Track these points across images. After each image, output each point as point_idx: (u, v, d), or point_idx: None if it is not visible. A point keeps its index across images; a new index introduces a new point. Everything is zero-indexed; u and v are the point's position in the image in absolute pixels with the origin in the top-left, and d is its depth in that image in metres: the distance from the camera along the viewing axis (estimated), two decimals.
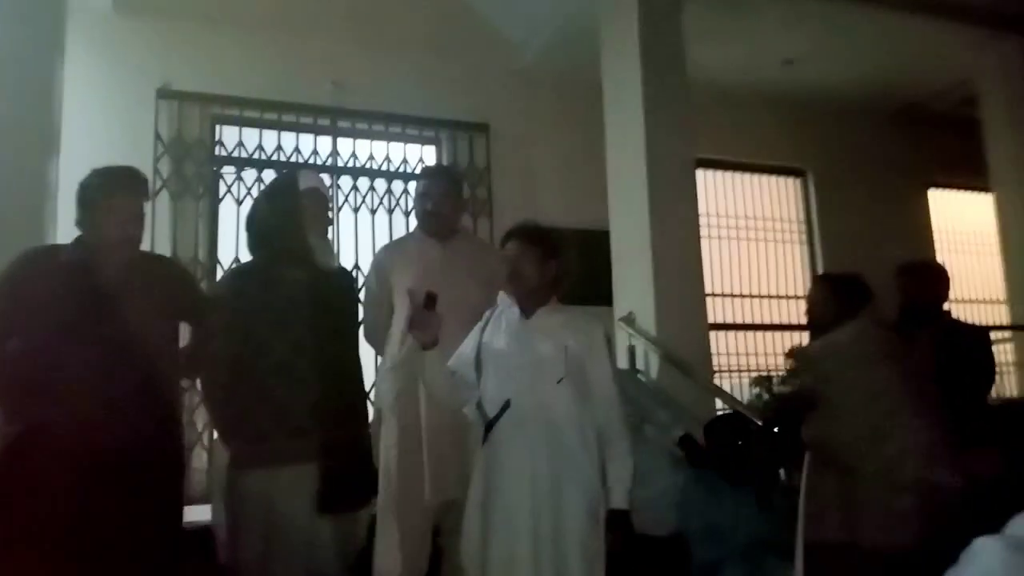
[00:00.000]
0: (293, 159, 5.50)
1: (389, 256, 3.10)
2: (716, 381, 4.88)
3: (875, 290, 3.10)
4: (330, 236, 2.69)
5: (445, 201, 3.05)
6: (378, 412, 3.05)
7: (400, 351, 2.91)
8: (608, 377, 2.46)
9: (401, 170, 5.80)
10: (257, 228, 2.54)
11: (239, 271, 2.51)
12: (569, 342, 2.42)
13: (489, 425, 2.38)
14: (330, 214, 2.61)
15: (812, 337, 3.35)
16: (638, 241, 4.67)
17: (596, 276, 5.37)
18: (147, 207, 2.42)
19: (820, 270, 6.82)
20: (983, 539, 0.99)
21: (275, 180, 2.76)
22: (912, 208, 7.34)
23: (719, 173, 6.85)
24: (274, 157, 5.45)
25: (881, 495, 2.72)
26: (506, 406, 2.36)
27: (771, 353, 6.32)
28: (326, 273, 2.55)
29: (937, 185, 7.62)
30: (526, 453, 2.34)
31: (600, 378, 2.45)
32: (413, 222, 3.22)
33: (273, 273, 2.45)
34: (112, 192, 2.32)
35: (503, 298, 2.55)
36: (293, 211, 2.48)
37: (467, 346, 2.49)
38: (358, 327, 2.68)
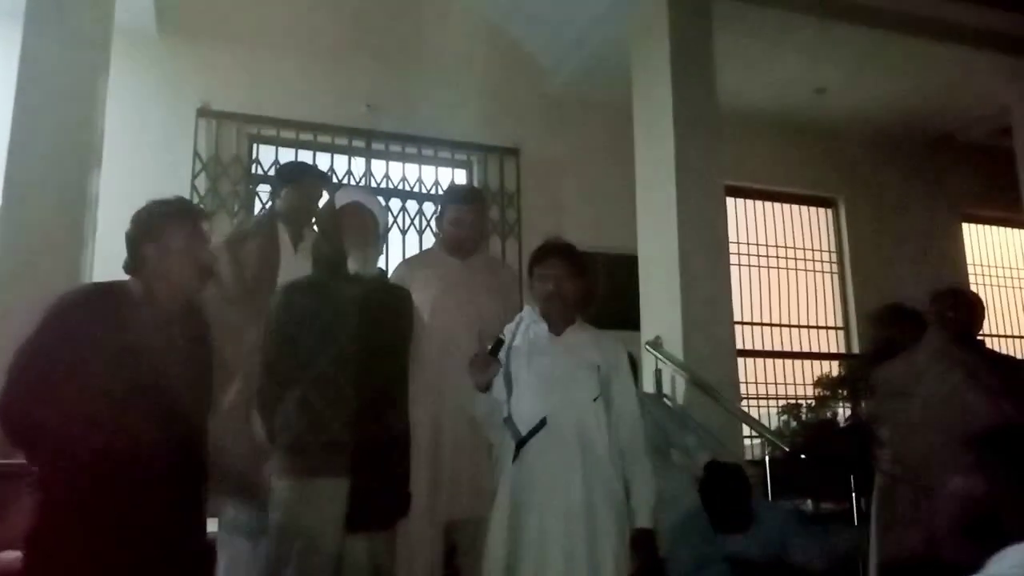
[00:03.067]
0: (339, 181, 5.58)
1: (410, 271, 3.13)
2: (743, 408, 4.84)
3: None
4: (381, 252, 2.71)
5: (476, 227, 3.14)
6: None
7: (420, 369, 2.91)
8: (632, 398, 2.48)
9: (433, 192, 5.87)
10: (317, 248, 2.61)
11: (290, 285, 2.52)
12: (598, 361, 2.45)
13: (521, 442, 2.37)
14: (378, 229, 2.62)
15: (871, 364, 3.43)
16: (666, 265, 4.68)
17: (623, 300, 5.39)
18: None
19: (851, 301, 6.75)
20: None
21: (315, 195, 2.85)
22: (945, 240, 7.24)
23: (749, 202, 6.82)
24: None
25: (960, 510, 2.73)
26: (542, 423, 2.36)
27: (799, 383, 6.25)
28: (380, 289, 2.57)
29: (971, 219, 7.52)
30: (561, 472, 2.33)
31: (624, 399, 2.46)
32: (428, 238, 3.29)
33: (322, 287, 2.49)
34: (179, 228, 2.24)
35: (528, 313, 2.58)
36: (332, 227, 2.53)
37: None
38: (409, 342, 2.64)
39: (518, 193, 6.00)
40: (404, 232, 5.71)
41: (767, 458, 4.13)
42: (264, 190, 5.43)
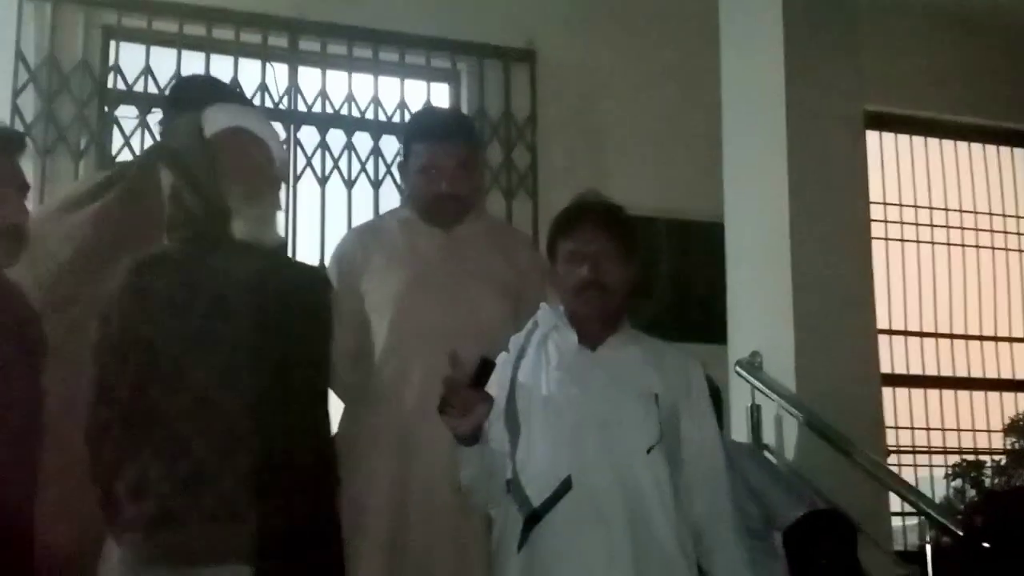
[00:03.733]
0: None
1: (362, 247, 3.17)
2: (890, 466, 4.91)
3: None
4: (281, 207, 2.79)
5: (464, 176, 3.13)
6: None
7: (379, 400, 3.01)
8: (714, 447, 2.57)
9: (396, 118, 5.89)
10: (175, 201, 2.66)
11: (140, 262, 2.57)
12: (657, 388, 2.50)
13: (533, 517, 2.41)
14: (276, 170, 2.72)
15: None
16: (769, 243, 4.74)
17: (698, 296, 5.53)
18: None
19: None
20: None
21: (178, 121, 2.85)
22: None
23: (901, 139, 6.84)
24: None
25: None
26: (565, 487, 2.40)
27: (980, 427, 6.34)
28: (284, 267, 2.64)
29: None
30: (598, 561, 2.37)
31: (700, 448, 2.54)
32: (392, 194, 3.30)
33: (192, 264, 2.53)
34: None
35: (546, 315, 2.66)
36: (205, 165, 2.59)
37: (493, 389, 2.53)
38: (327, 348, 2.76)
39: (533, 123, 6.03)
40: (350, 184, 5.77)
41: (927, 547, 4.11)
42: (128, 115, 5.48)
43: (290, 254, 4.43)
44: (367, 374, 3.04)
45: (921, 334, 6.63)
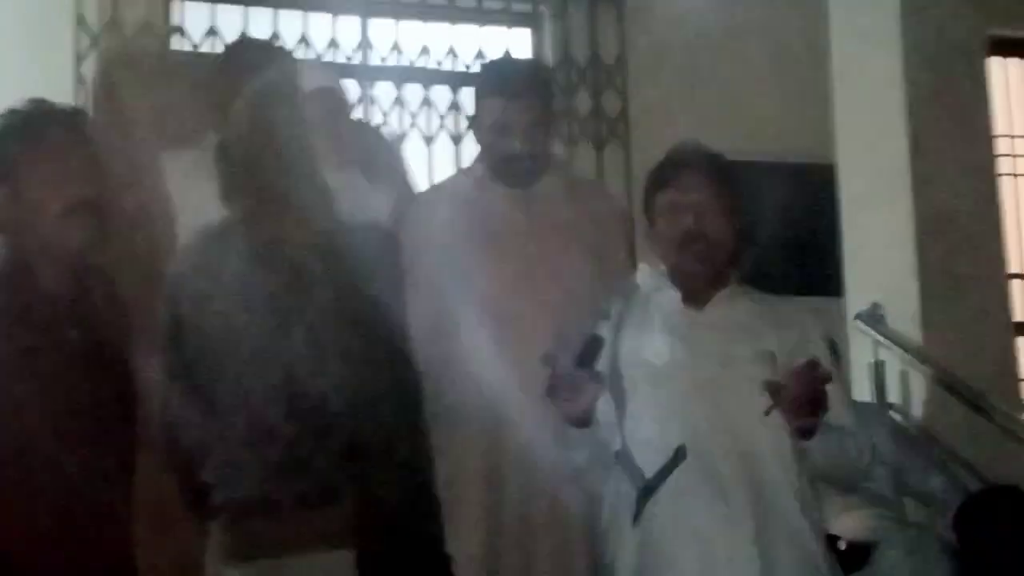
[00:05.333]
0: (300, 54, 5.50)
1: (432, 212, 3.12)
2: None
3: None
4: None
5: (538, 134, 3.07)
6: None
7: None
8: (840, 406, 2.46)
9: (476, 69, 5.70)
10: (227, 162, 2.57)
11: (204, 239, 2.53)
12: (773, 347, 2.47)
13: (647, 489, 2.39)
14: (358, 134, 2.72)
15: None
16: (888, 186, 4.72)
17: (811, 246, 5.36)
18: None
19: None
20: None
21: (256, 82, 2.74)
22: None
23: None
24: None
25: None
26: (678, 456, 2.38)
27: None
28: (351, 233, 2.57)
29: None
30: (718, 531, 2.36)
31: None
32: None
33: (260, 238, 2.47)
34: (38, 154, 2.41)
35: (647, 275, 2.62)
36: (289, 131, 2.53)
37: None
38: (404, 314, 2.65)
39: (622, 67, 5.91)
40: (429, 140, 5.71)
41: None
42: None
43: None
44: (447, 344, 2.97)
45: None
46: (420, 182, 5.37)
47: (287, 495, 2.34)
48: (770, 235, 5.49)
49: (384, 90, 5.71)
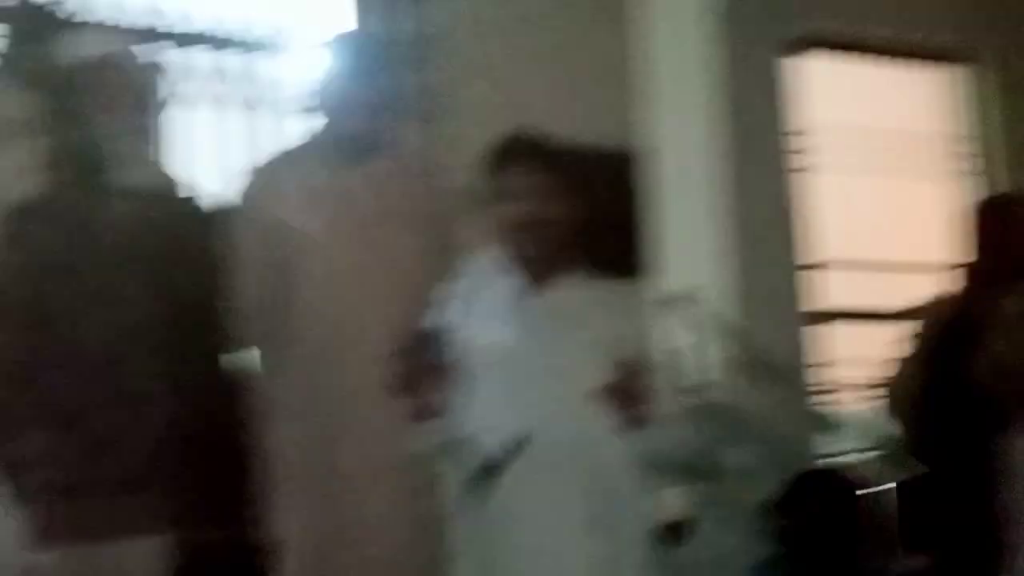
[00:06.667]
0: (75, 18, 5.23)
1: (270, 190, 3.06)
2: (838, 401, 5.07)
3: None
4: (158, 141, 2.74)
5: (376, 110, 3.08)
6: None
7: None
8: (665, 388, 2.56)
9: (274, 39, 5.56)
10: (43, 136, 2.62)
11: (18, 214, 2.53)
12: (608, 332, 2.49)
13: (488, 475, 2.43)
14: (148, 97, 2.69)
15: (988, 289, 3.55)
16: (699, 173, 4.79)
17: (620, 229, 5.42)
18: None
19: None
20: None
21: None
22: None
23: (839, 60, 6.62)
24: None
25: None
26: (518, 442, 2.41)
27: None
28: (166, 203, 2.61)
29: None
30: (555, 514, 2.40)
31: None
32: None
33: (76, 213, 2.49)
34: None
35: (486, 261, 2.62)
36: (84, 96, 2.54)
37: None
38: (225, 288, 2.69)
39: (448, 44, 5.75)
40: (221, 109, 5.41)
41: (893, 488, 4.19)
42: None
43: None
44: (285, 321, 2.94)
45: (855, 266, 6.46)
46: (213, 151, 5.20)
47: (102, 480, 2.36)
48: (588, 219, 5.61)
49: (177, 59, 5.34)
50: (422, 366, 2.40)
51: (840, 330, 6.17)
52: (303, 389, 2.88)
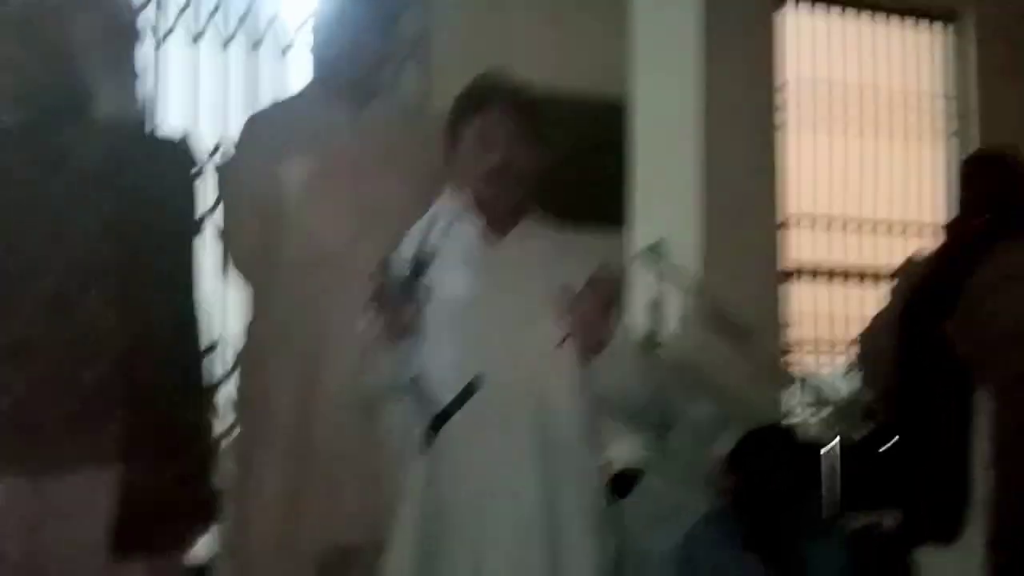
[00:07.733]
0: None
1: (271, 130, 3.09)
2: (797, 360, 5.06)
3: None
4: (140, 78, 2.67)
5: (369, 48, 3.07)
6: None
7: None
8: (623, 333, 2.53)
9: None
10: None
11: None
12: (568, 279, 2.45)
13: (439, 419, 2.41)
14: (130, 31, 2.62)
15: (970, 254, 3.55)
16: (679, 126, 4.79)
17: (600, 180, 5.46)
18: None
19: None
20: None
21: None
22: None
23: (818, 16, 6.58)
24: None
25: None
26: (471, 387, 2.40)
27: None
28: (135, 140, 2.53)
29: None
30: (505, 461, 2.41)
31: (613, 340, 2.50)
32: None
33: (36, 144, 2.42)
34: None
35: (447, 206, 2.57)
36: (49, 32, 2.45)
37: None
38: (194, 235, 2.62)
39: None
40: (226, 44, 5.45)
41: (837, 448, 4.24)
42: None
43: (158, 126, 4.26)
44: (275, 264, 2.99)
45: (830, 225, 6.48)
46: (183, 84, 5.31)
47: (52, 411, 2.31)
48: (563, 167, 5.62)
49: None
50: (387, 296, 2.36)
51: (812, 288, 6.18)
52: (290, 329, 2.91)
